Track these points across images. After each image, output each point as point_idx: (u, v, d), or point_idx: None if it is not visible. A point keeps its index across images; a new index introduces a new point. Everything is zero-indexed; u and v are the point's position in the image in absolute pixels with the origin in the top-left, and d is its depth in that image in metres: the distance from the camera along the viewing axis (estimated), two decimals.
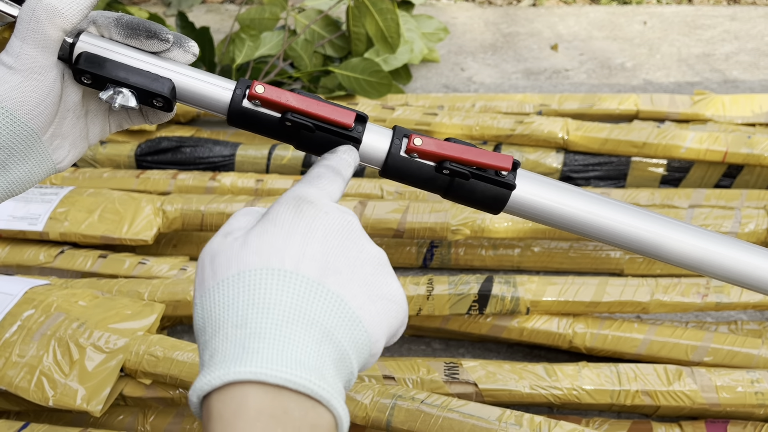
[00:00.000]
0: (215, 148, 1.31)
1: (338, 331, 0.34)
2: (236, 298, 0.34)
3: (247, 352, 0.31)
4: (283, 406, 0.30)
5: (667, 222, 0.54)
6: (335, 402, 0.31)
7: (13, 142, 0.45)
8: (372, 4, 1.51)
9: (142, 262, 1.06)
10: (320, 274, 0.35)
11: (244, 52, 1.62)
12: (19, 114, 0.44)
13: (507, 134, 1.27)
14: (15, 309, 0.86)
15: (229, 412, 0.30)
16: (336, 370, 0.33)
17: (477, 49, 1.87)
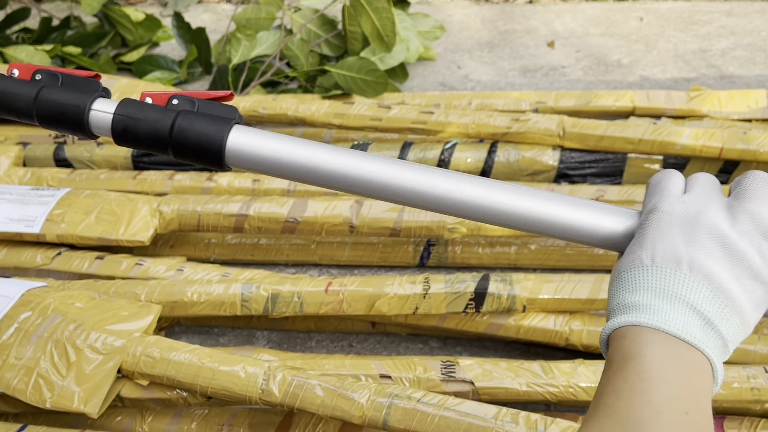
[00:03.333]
0: None
1: (702, 305, 0.43)
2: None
3: (652, 311, 0.43)
4: (668, 341, 0.42)
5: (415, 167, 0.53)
6: (703, 347, 0.41)
7: None
8: (368, 2, 1.51)
9: (140, 263, 1.06)
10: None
11: (241, 52, 1.62)
12: None
13: (503, 132, 1.27)
14: (12, 311, 0.86)
15: (636, 334, 0.42)
16: (702, 332, 0.42)
17: (473, 46, 1.87)
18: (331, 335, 1.08)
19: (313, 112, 1.34)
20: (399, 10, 1.67)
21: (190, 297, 0.96)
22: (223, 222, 1.10)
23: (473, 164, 1.28)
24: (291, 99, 1.38)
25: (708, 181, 0.48)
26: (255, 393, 0.79)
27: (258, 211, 1.09)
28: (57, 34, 1.78)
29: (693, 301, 0.42)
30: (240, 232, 1.12)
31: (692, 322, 0.42)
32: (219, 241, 1.20)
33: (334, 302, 0.95)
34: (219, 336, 1.09)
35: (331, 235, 1.16)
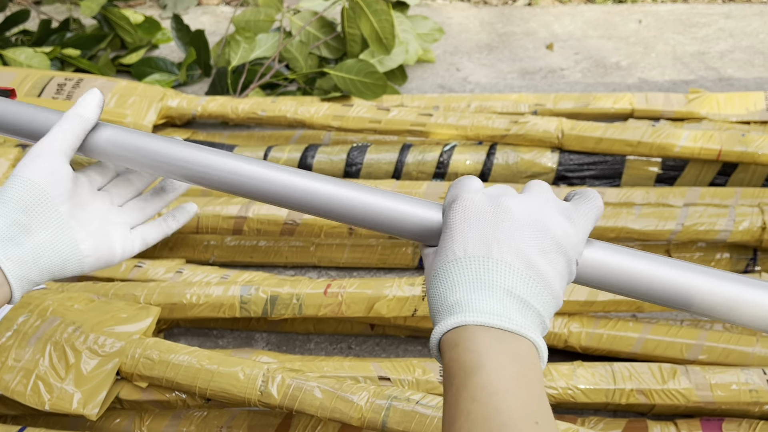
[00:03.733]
0: None
1: (516, 288, 0.44)
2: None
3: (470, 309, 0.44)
4: (497, 336, 0.43)
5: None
6: (526, 332, 0.43)
7: (31, 202, 0.51)
8: (366, 5, 1.52)
9: (138, 265, 1.06)
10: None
11: (240, 54, 1.62)
12: (35, 179, 0.52)
13: (502, 134, 1.27)
14: (10, 314, 0.86)
15: (467, 339, 0.43)
16: (522, 315, 0.44)
17: (472, 49, 1.88)
18: (330, 337, 1.08)
19: (312, 115, 1.34)
20: (398, 13, 1.68)
21: (189, 299, 0.96)
22: (222, 224, 1.10)
23: (472, 166, 1.28)
24: (290, 101, 1.38)
25: (502, 185, 0.51)
26: (254, 395, 0.79)
27: (257, 213, 1.09)
28: (56, 37, 1.79)
29: (508, 285, 0.44)
30: (239, 234, 1.12)
31: (511, 306, 0.44)
32: (218, 243, 1.20)
33: (333, 304, 0.95)
34: (218, 338, 1.09)
35: (330, 237, 1.16)
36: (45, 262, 0.52)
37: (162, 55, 1.90)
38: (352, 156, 1.30)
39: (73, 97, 1.41)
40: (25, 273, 0.51)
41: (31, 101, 1.40)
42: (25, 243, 0.51)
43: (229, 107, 1.39)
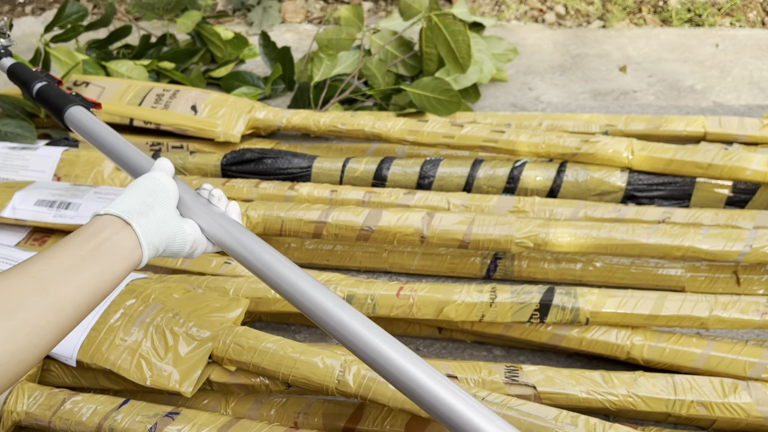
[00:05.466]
0: (294, 160, 1.40)
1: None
2: None
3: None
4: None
5: None
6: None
7: (155, 189, 0.70)
8: (444, 26, 1.59)
9: (228, 262, 1.15)
10: None
11: (322, 71, 1.71)
12: (157, 176, 0.71)
13: (572, 152, 1.31)
14: (119, 298, 0.96)
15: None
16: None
17: (545, 69, 1.92)
18: (400, 338, 1.14)
19: (388, 129, 1.42)
20: (474, 33, 1.74)
21: (273, 295, 1.05)
22: (303, 228, 1.18)
23: (542, 183, 1.32)
24: (368, 116, 1.46)
25: None
26: (332, 383, 0.85)
27: (336, 219, 1.17)
28: (154, 50, 1.93)
29: None
30: (318, 238, 1.20)
31: None
32: (298, 245, 1.28)
33: (404, 306, 1.01)
34: (296, 333, 1.17)
35: (403, 245, 1.22)
36: (163, 232, 0.68)
37: (248, 69, 2.02)
38: (426, 169, 1.36)
39: (170, 107, 1.53)
40: (151, 238, 0.66)
41: (133, 109, 1.53)
42: (150, 216, 0.68)
43: (312, 120, 1.48)
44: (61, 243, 0.62)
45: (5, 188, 1.25)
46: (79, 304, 0.59)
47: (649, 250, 1.09)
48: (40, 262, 0.59)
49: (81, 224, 1.17)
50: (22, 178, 1.35)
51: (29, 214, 1.19)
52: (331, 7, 2.42)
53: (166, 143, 1.53)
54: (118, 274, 0.63)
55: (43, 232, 1.23)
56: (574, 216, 1.23)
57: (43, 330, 0.56)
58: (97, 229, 0.64)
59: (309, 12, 2.40)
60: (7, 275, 0.57)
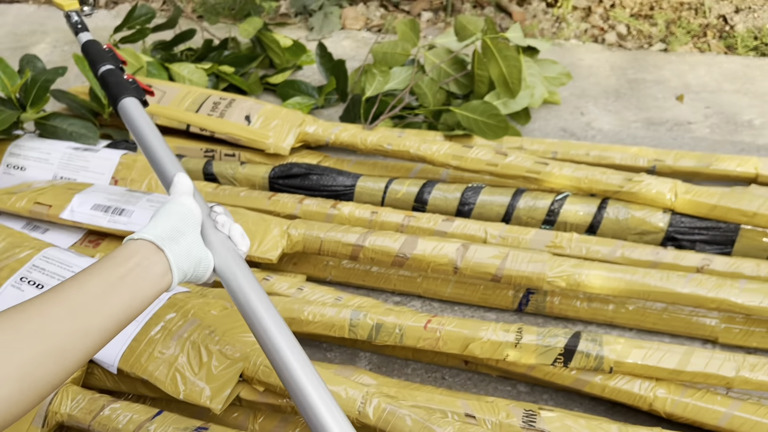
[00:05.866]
0: (338, 178, 1.44)
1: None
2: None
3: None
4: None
5: None
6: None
7: (185, 215, 0.74)
8: (498, 50, 1.59)
9: (266, 278, 1.20)
10: None
11: (374, 86, 1.74)
12: (186, 202, 0.76)
13: (615, 190, 1.31)
14: (160, 311, 1.02)
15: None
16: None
17: (599, 93, 1.90)
18: (427, 366, 1.17)
19: (433, 152, 1.44)
20: (527, 57, 1.74)
21: (306, 316, 1.09)
22: (341, 250, 1.22)
23: (582, 218, 1.32)
24: (414, 138, 1.48)
25: None
26: (353, 413, 0.89)
27: (372, 243, 1.20)
28: (215, 54, 1.99)
29: None
30: (355, 260, 1.24)
31: None
32: (336, 264, 1.32)
33: (431, 339, 1.04)
34: (327, 351, 1.21)
35: (436, 273, 1.25)
36: (192, 258, 0.72)
37: (305, 75, 2.07)
38: (467, 196, 1.38)
39: (225, 116, 1.59)
40: (181, 264, 0.70)
41: (191, 115, 1.59)
42: (181, 242, 0.71)
43: (359, 138, 1.51)
44: (95, 266, 0.66)
45: (66, 190, 1.33)
46: (106, 330, 0.63)
47: (683, 300, 1.09)
48: (74, 286, 0.63)
49: (132, 231, 1.23)
50: (82, 179, 1.43)
51: (86, 217, 1.27)
52: (391, 15, 2.44)
53: (220, 151, 1.59)
54: (147, 299, 0.67)
55: (97, 234, 1.30)
56: (612, 255, 1.23)
57: (71, 354, 0.60)
58: (130, 253, 0.67)
59: (369, 19, 2.42)
60: (44, 299, 0.61)
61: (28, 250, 1.13)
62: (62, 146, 1.49)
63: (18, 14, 2.67)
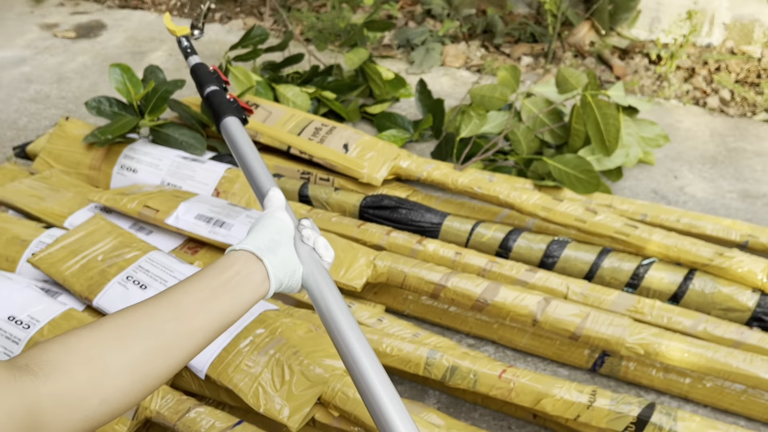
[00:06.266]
0: (426, 215, 1.48)
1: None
2: None
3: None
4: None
5: None
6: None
7: (281, 228, 0.79)
8: (597, 107, 1.60)
9: (349, 305, 1.25)
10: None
11: (470, 128, 1.78)
12: (281, 216, 0.81)
13: (704, 262, 1.30)
14: (251, 325, 1.08)
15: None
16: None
17: (695, 158, 1.88)
18: (495, 413, 1.18)
19: (522, 201, 1.46)
20: (626, 116, 1.74)
21: (384, 348, 1.12)
22: (423, 286, 1.25)
23: (667, 286, 1.31)
24: (504, 184, 1.51)
25: None
26: None
27: (455, 285, 1.23)
28: (319, 79, 2.08)
29: None
30: (435, 298, 1.27)
31: None
32: (415, 299, 1.36)
33: (504, 389, 1.06)
34: (397, 383, 1.24)
35: (515, 322, 1.26)
36: (287, 268, 0.76)
37: (401, 107, 2.13)
38: (552, 248, 1.39)
39: (325, 142, 1.66)
40: (277, 273, 0.75)
41: (293, 137, 1.67)
42: (277, 252, 0.76)
43: (450, 178, 1.55)
44: (199, 273, 0.72)
45: (173, 196, 1.42)
46: (207, 331, 0.69)
47: (766, 385, 1.07)
48: (180, 290, 0.69)
49: (230, 243, 1.31)
50: (187, 188, 1.52)
51: (189, 225, 1.35)
52: (491, 57, 2.48)
53: (315, 174, 1.66)
54: (246, 305, 0.73)
55: (196, 242, 1.38)
56: (694, 328, 1.22)
57: (176, 352, 0.66)
58: (232, 262, 0.73)
59: (469, 58, 2.47)
60: (154, 300, 0.68)
61: (136, 251, 1.22)
62: (172, 154, 1.59)
63: (140, 21, 2.85)
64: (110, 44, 2.63)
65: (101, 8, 2.96)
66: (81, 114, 2.11)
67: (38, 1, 2.99)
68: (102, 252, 1.22)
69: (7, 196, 1.50)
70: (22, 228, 1.36)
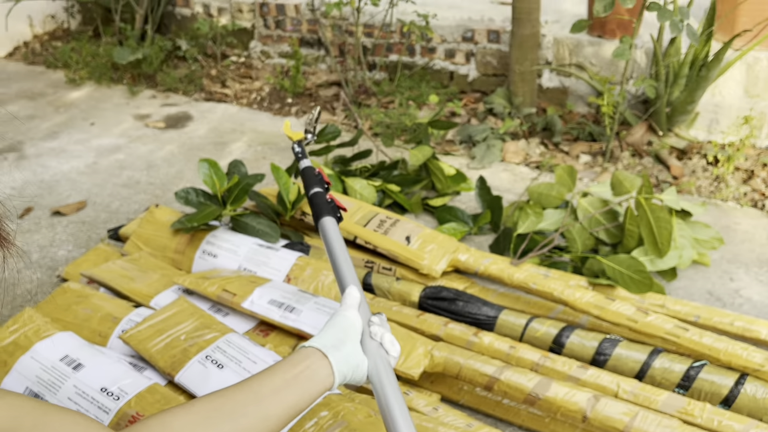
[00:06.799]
0: (483, 308, 1.56)
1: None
2: None
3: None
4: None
5: None
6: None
7: (347, 326, 0.90)
8: (650, 210, 1.68)
9: (406, 392, 1.33)
10: None
11: (527, 224, 1.87)
12: (350, 316, 0.92)
13: (755, 368, 1.32)
14: (316, 408, 1.17)
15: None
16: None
17: (752, 261, 1.90)
18: None
19: (576, 299, 1.53)
20: (680, 219, 1.80)
21: None
22: (477, 378, 1.32)
23: (716, 389, 1.34)
24: (558, 281, 1.58)
25: None
26: None
27: (508, 378, 1.30)
28: (385, 173, 2.22)
29: None
30: (489, 390, 1.33)
31: None
32: (470, 389, 1.42)
33: None
34: None
35: (564, 417, 1.31)
36: (350, 363, 0.86)
37: (461, 201, 2.24)
38: (604, 346, 1.44)
39: (388, 234, 1.77)
40: (341, 368, 0.85)
41: (359, 228, 1.79)
42: (342, 349, 0.86)
43: (506, 273, 1.63)
44: (275, 366, 0.85)
45: (249, 282, 1.55)
46: (280, 417, 0.81)
47: None
48: (259, 379, 0.82)
49: (300, 329, 1.41)
50: (262, 273, 1.66)
51: (262, 309, 1.47)
52: (550, 154, 2.59)
53: (378, 264, 1.77)
54: (313, 395, 0.84)
55: (267, 326, 1.50)
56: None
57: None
58: (302, 358, 0.86)
59: (528, 155, 2.59)
60: (237, 387, 0.80)
61: (215, 332, 1.34)
62: (249, 241, 1.74)
63: (224, 113, 3.10)
64: (195, 134, 2.87)
65: (189, 101, 3.24)
66: (167, 199, 2.31)
67: (134, 94, 3.30)
68: (185, 332, 1.35)
69: (101, 275, 1.66)
70: (114, 306, 1.51)
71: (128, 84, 3.38)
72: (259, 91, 3.30)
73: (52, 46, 3.88)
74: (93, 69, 3.44)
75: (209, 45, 3.64)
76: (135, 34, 3.50)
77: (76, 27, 4.12)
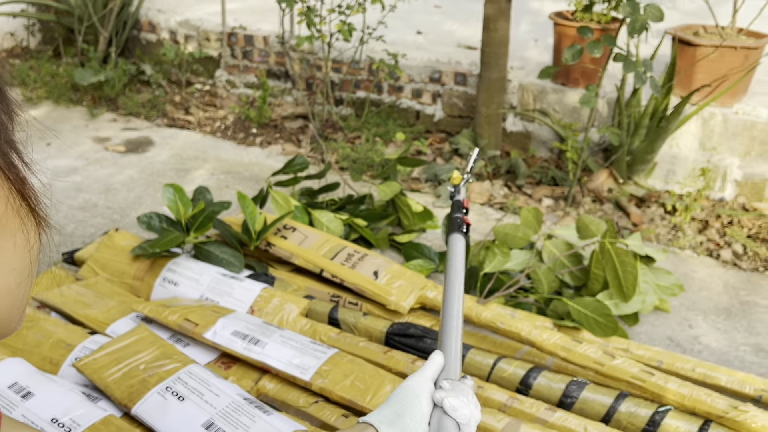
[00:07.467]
0: None
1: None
2: None
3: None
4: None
5: None
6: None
7: (406, 401, 0.81)
8: (616, 254, 1.70)
9: None
10: None
11: (493, 264, 1.87)
12: (413, 387, 0.83)
13: (719, 414, 1.33)
14: None
15: None
16: None
17: (710, 309, 1.94)
18: None
19: (543, 340, 1.52)
20: (643, 265, 1.83)
21: None
22: None
23: None
24: (526, 322, 1.58)
25: None
26: None
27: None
28: (352, 207, 2.21)
29: None
30: None
31: None
32: None
33: None
34: None
35: None
36: None
37: (427, 238, 2.24)
38: (570, 389, 1.44)
39: (356, 268, 1.75)
40: None
41: (326, 261, 1.76)
42: (396, 424, 0.80)
43: (474, 312, 1.62)
44: None
45: (212, 312, 1.50)
46: None
47: None
48: None
49: (264, 362, 1.37)
50: (225, 304, 1.61)
51: (225, 341, 1.42)
52: (513, 196, 2.62)
53: (345, 298, 1.74)
54: None
55: (229, 358, 1.45)
56: None
57: None
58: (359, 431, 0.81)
59: (492, 196, 2.61)
60: None
61: (176, 363, 1.29)
62: (212, 270, 1.69)
63: (186, 140, 3.05)
64: (156, 160, 2.81)
65: (150, 126, 3.18)
66: (125, 224, 2.24)
67: (94, 116, 3.22)
68: (144, 362, 1.29)
69: (54, 299, 1.59)
70: (68, 332, 1.44)
71: (88, 106, 3.30)
72: (223, 120, 3.27)
73: (9, 64, 3.78)
74: (51, 89, 3.36)
75: (174, 71, 3.60)
76: (98, 56, 3.44)
77: (35, 46, 4.04)
